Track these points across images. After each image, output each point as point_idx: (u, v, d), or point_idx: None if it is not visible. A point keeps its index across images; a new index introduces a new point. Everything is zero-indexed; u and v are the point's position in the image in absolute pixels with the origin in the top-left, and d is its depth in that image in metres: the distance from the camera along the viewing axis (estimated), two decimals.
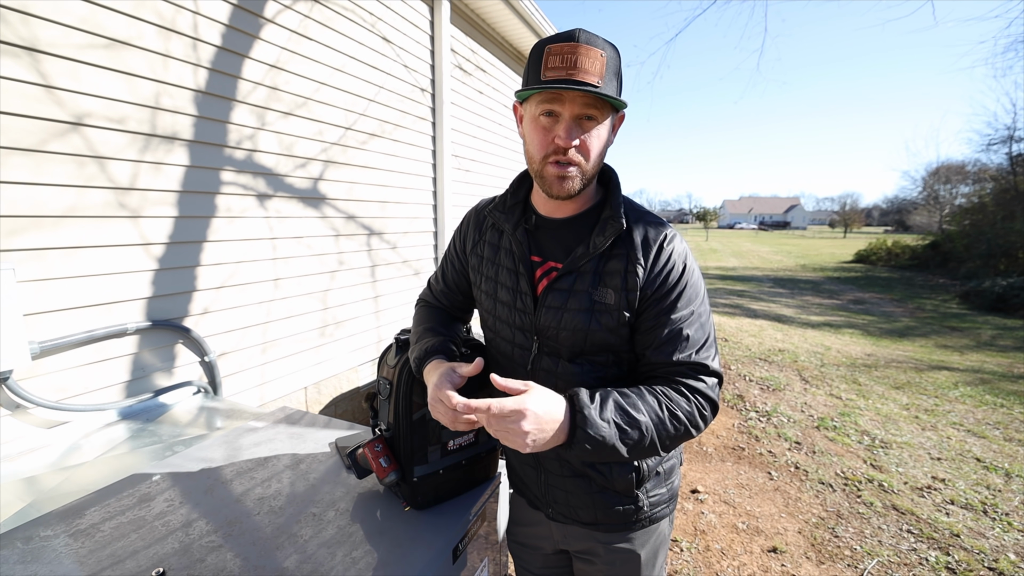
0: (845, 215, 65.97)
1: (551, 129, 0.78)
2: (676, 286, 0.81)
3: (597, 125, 0.78)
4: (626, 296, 0.81)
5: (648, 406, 0.76)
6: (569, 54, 0.73)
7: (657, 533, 0.97)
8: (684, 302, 0.81)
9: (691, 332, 0.81)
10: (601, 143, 0.80)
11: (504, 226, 0.93)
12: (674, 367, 0.81)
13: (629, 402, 0.75)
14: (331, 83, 2.44)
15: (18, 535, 0.89)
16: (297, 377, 2.39)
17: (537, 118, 0.79)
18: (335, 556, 0.84)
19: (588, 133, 0.77)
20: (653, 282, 0.81)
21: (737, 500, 2.65)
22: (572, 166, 0.78)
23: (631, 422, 0.73)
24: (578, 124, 0.77)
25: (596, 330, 0.83)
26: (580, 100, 0.75)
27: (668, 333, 0.81)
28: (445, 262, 1.10)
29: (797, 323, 7.67)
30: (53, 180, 1.41)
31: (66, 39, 1.42)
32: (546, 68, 0.74)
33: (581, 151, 0.78)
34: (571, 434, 0.72)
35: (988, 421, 3.79)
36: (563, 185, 0.80)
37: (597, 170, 0.83)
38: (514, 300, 0.90)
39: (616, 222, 0.82)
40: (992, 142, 16.18)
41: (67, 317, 1.46)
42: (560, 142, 0.76)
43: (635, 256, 0.82)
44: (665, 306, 0.81)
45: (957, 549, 2.23)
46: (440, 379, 0.81)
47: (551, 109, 0.77)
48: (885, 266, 17.80)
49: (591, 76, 0.73)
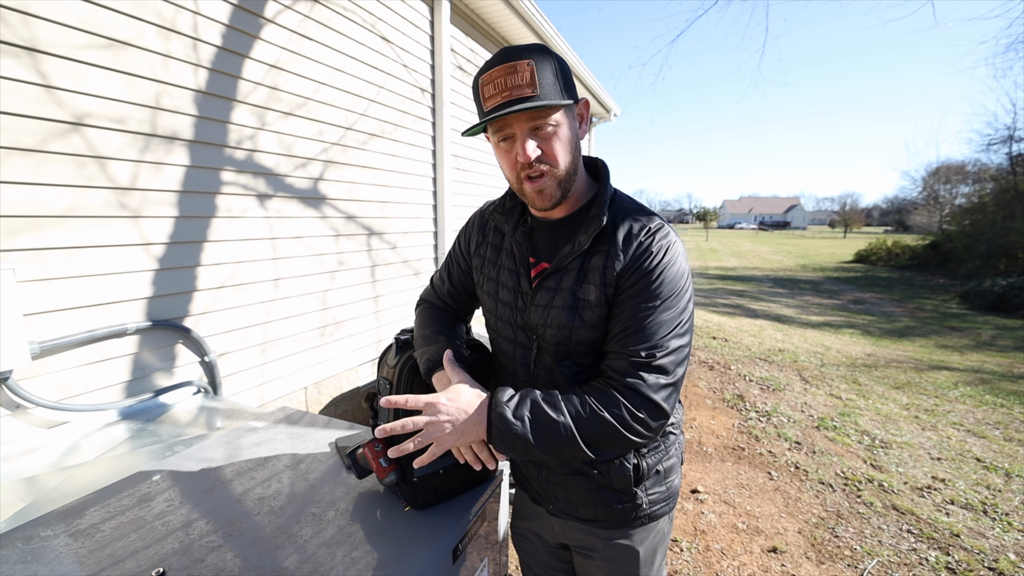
0: (845, 215, 65.98)
1: (511, 150, 0.81)
2: (649, 276, 0.78)
3: (553, 128, 0.79)
4: (605, 291, 0.82)
5: (571, 405, 0.77)
6: (499, 79, 0.76)
7: (656, 531, 0.97)
8: (651, 294, 0.78)
9: (650, 326, 0.77)
10: (565, 143, 0.81)
11: (505, 228, 0.96)
12: (618, 359, 0.78)
13: (549, 401, 0.78)
14: (331, 83, 2.44)
15: (18, 535, 0.89)
16: (297, 377, 2.39)
17: (498, 144, 0.83)
18: (335, 556, 0.84)
19: (546, 141, 0.80)
20: (627, 271, 0.80)
21: (737, 500, 2.65)
22: (543, 176, 0.81)
23: (547, 421, 0.76)
24: (533, 135, 0.79)
25: (579, 327, 0.83)
26: (523, 116, 0.77)
27: (626, 323, 0.78)
28: (450, 262, 1.11)
29: (797, 323, 7.67)
30: (53, 180, 1.41)
31: (66, 39, 1.42)
32: (484, 100, 0.78)
33: (546, 159, 0.80)
34: (488, 429, 0.78)
35: (988, 421, 3.79)
36: (542, 198, 0.83)
37: (574, 168, 0.84)
38: (515, 300, 0.92)
39: (597, 219, 0.83)
40: (992, 142, 16.20)
41: (67, 317, 1.46)
42: (521, 159, 0.79)
43: (615, 251, 0.82)
44: (630, 293, 0.79)
45: (957, 549, 2.23)
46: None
47: (505, 134, 0.81)
48: (885, 266, 17.80)
49: (524, 90, 0.75)
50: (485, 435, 0.79)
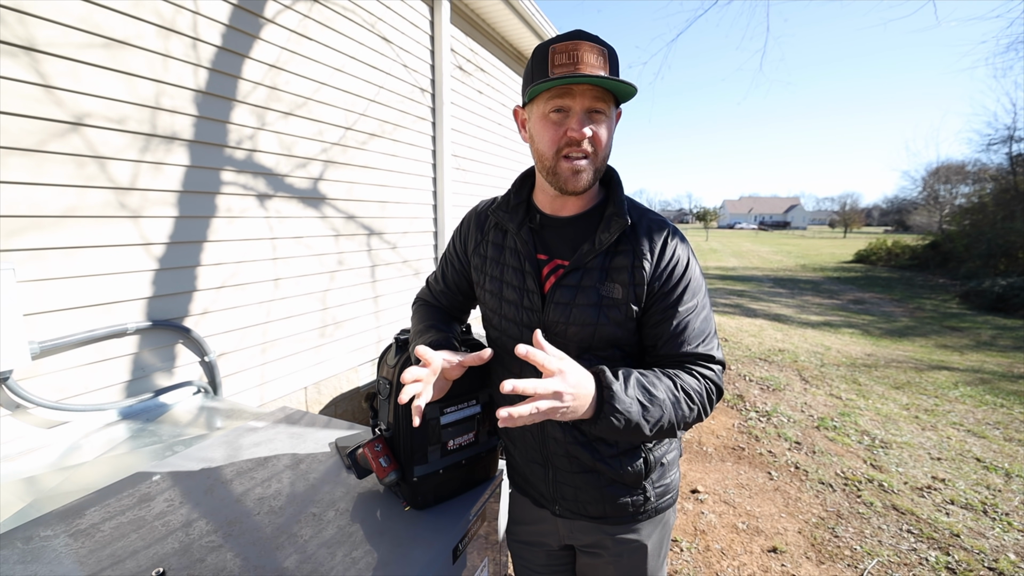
0: (845, 215, 65.97)
1: (562, 123, 0.79)
2: (681, 280, 0.84)
3: (606, 118, 0.80)
4: (634, 290, 0.83)
5: (665, 385, 0.78)
6: (574, 51, 0.75)
7: (663, 523, 0.99)
8: (689, 295, 0.85)
9: (697, 324, 0.84)
10: (609, 136, 0.82)
11: (508, 225, 0.94)
12: (683, 357, 0.84)
13: (648, 381, 0.77)
14: (331, 83, 2.44)
15: (18, 535, 0.89)
16: (297, 377, 2.39)
17: (547, 115, 0.80)
18: (335, 556, 0.84)
19: (599, 125, 0.79)
20: (660, 276, 0.84)
21: (737, 500, 2.65)
22: (585, 159, 0.80)
23: (652, 399, 0.75)
24: (589, 117, 0.78)
25: (604, 324, 0.85)
26: (590, 93, 0.77)
27: (676, 325, 0.84)
28: (445, 263, 1.11)
29: (797, 323, 7.67)
30: (53, 180, 1.41)
31: (64, 38, 1.42)
32: (553, 66, 0.76)
33: (594, 142, 0.80)
34: (598, 409, 0.72)
35: (988, 421, 3.79)
36: (577, 179, 0.81)
37: (605, 164, 0.85)
38: (521, 298, 0.91)
39: (621, 218, 0.84)
40: (992, 142, 16.20)
41: (67, 317, 1.46)
42: (574, 134, 0.78)
43: (641, 251, 0.84)
44: (672, 300, 0.84)
45: (957, 549, 2.23)
46: (437, 354, 0.82)
47: (561, 105, 0.78)
48: (885, 266, 17.80)
49: (597, 70, 0.75)
50: (588, 417, 0.73)
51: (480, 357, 0.86)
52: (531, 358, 0.67)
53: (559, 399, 0.67)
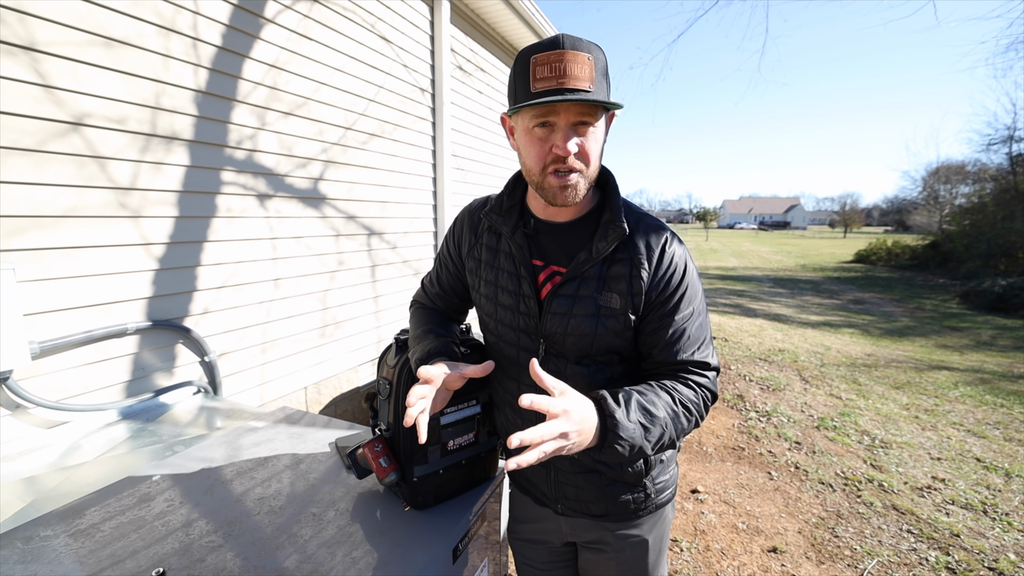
0: (845, 215, 65.93)
1: (547, 139, 0.76)
2: (679, 288, 0.84)
3: (593, 129, 0.76)
4: (632, 300, 0.83)
5: (664, 402, 0.78)
6: (556, 62, 0.71)
7: (663, 519, 1.00)
8: (685, 303, 0.84)
9: (693, 331, 0.84)
10: (599, 146, 0.80)
11: (502, 229, 0.92)
12: (679, 365, 0.84)
13: (648, 400, 0.77)
14: (331, 83, 2.44)
15: (18, 535, 0.89)
16: (297, 377, 2.39)
17: (531, 130, 0.77)
18: (335, 556, 0.84)
19: (585, 138, 0.76)
20: (657, 285, 0.83)
21: (737, 500, 2.65)
22: (573, 173, 0.77)
23: (653, 420, 0.75)
24: (574, 130, 0.75)
25: (603, 334, 0.84)
26: (575, 108, 0.73)
27: (673, 333, 0.83)
28: (439, 265, 1.09)
29: (797, 323, 7.67)
30: (53, 180, 1.41)
31: (64, 38, 1.42)
32: (535, 80, 0.72)
33: (581, 157, 0.77)
34: (602, 438, 0.72)
35: (988, 421, 3.79)
36: (565, 194, 0.79)
37: (597, 172, 0.83)
38: (516, 303, 0.90)
39: (618, 227, 0.82)
40: (992, 142, 16.19)
41: (67, 317, 1.46)
42: (559, 151, 0.75)
43: (639, 260, 0.83)
44: (669, 308, 0.84)
45: (957, 549, 2.23)
46: (439, 369, 0.82)
47: (545, 120, 0.75)
48: (885, 266, 17.80)
49: (582, 82, 0.71)
50: (593, 446, 0.73)
51: (484, 369, 0.86)
52: (536, 407, 0.66)
53: (565, 439, 0.67)
